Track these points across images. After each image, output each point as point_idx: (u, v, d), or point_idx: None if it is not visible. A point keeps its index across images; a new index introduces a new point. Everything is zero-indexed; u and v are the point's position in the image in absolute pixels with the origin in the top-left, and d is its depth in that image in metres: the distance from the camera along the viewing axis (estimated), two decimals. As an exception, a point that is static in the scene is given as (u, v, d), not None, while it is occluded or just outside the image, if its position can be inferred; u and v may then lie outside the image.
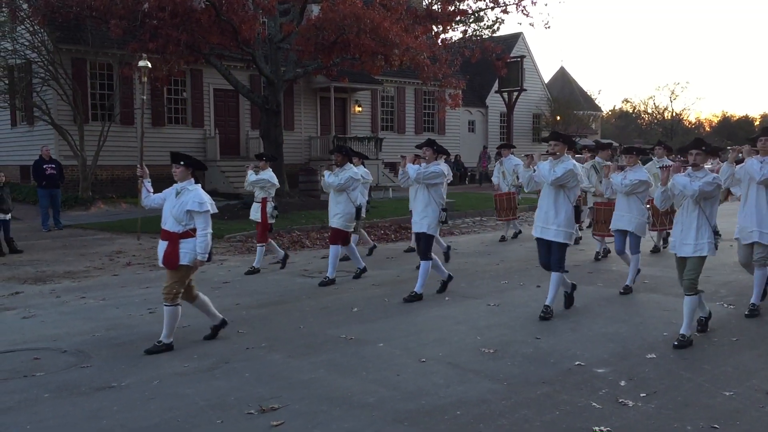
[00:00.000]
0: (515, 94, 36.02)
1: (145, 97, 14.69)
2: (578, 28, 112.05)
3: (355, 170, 10.02)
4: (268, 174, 10.60)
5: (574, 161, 7.53)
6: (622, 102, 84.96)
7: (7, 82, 22.00)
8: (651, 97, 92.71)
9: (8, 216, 13.12)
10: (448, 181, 9.37)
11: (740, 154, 7.61)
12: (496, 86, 36.71)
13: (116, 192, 22.12)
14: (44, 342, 6.84)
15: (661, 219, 11.27)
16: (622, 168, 8.88)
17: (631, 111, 74.07)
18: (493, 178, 14.72)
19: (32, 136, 23.36)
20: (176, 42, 17.55)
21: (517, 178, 12.95)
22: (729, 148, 8.63)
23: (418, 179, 8.31)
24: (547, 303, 7.47)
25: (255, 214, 10.71)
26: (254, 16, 18.17)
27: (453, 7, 21.20)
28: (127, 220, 17.27)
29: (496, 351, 6.27)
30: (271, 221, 10.68)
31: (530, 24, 78.98)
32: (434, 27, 21.81)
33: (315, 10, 21.46)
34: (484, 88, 37.70)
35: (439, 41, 22.24)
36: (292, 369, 5.96)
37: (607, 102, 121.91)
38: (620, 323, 7.20)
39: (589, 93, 51.35)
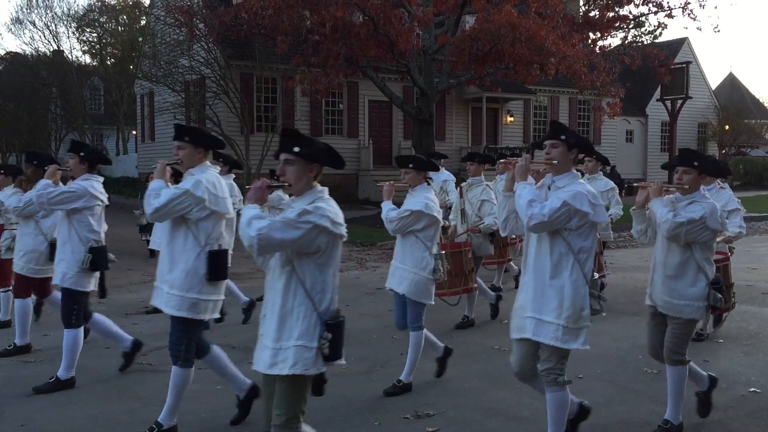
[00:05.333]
0: (679, 102, 34.07)
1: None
2: (750, 31, 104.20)
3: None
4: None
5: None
6: (801, 109, 77.84)
7: (183, 96, 23.92)
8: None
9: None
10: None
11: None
12: (657, 94, 34.93)
13: (277, 199, 23.32)
14: (215, 339, 7.34)
15: None
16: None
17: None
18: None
19: (204, 146, 25.16)
20: (336, 56, 18.27)
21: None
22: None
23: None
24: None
25: None
26: (410, 29, 18.54)
27: (612, 13, 20.48)
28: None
29: (659, 372, 5.95)
30: None
31: (697, 28, 74.84)
32: (592, 34, 21.18)
33: (470, 20, 21.53)
34: (644, 96, 36.00)
35: (597, 48, 21.55)
36: (446, 377, 6.00)
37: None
38: (801, 350, 6.62)
39: (761, 100, 47.62)
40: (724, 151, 38.95)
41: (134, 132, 36.96)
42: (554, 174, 4.16)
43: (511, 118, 30.11)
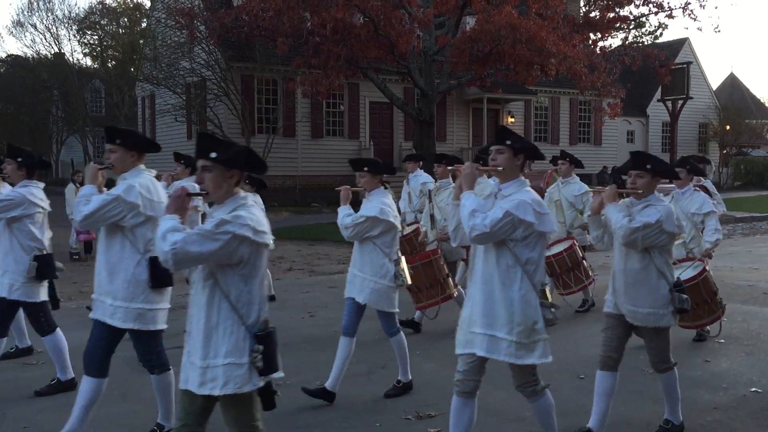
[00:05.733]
0: (680, 102, 34.09)
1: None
2: (750, 31, 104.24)
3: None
4: None
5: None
6: (802, 109, 77.78)
7: (184, 98, 23.95)
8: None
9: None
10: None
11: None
12: (658, 94, 34.95)
13: (278, 200, 23.35)
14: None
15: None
16: None
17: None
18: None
19: (206, 148, 25.20)
20: (336, 57, 18.29)
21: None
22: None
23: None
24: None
25: None
26: (410, 30, 18.56)
27: (613, 14, 20.50)
28: (288, 227, 18.18)
29: (660, 372, 5.96)
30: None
31: (698, 28, 75.04)
32: (592, 35, 21.19)
33: (470, 21, 21.55)
34: (645, 96, 36.00)
35: (597, 49, 21.57)
36: (446, 378, 5.96)
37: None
38: (802, 350, 6.61)
39: (762, 100, 47.59)
40: (725, 152, 38.93)
41: (135, 134, 36.90)
42: (501, 181, 3.96)
43: (512, 119, 30.13)
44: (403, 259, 5.43)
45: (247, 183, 7.03)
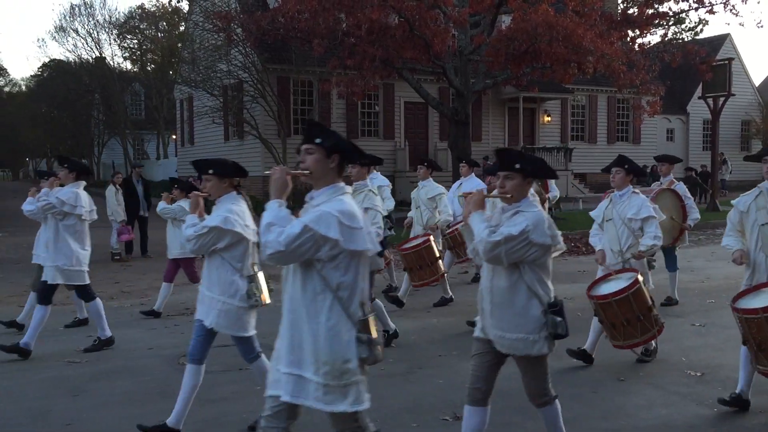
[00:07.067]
0: (721, 99, 33.37)
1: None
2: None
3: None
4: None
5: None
6: None
7: (221, 100, 24.24)
8: None
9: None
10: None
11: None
12: (699, 92, 34.26)
13: (313, 201, 23.49)
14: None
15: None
16: None
17: None
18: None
19: (242, 149, 25.50)
20: (372, 58, 18.30)
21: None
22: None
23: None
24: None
25: None
26: (446, 30, 18.49)
27: (652, 10, 20.14)
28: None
29: (703, 374, 5.86)
30: None
31: (740, 24, 72.89)
32: (631, 32, 20.86)
33: (506, 20, 21.40)
34: (685, 94, 35.35)
35: (636, 46, 21.22)
36: (485, 379, 5.97)
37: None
38: None
39: (808, 96, 46.28)
40: (769, 149, 38.00)
41: (174, 136, 37.61)
42: (315, 188, 3.33)
43: (549, 118, 29.84)
44: (260, 274, 4.65)
45: (65, 167, 6.83)
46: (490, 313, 3.88)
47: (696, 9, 20.74)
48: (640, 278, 5.65)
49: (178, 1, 31.92)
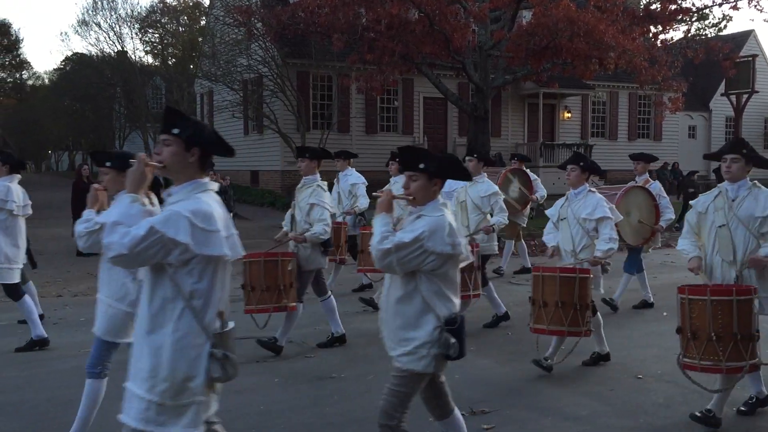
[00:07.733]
0: (745, 96, 32.99)
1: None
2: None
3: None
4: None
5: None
6: None
7: (241, 94, 24.36)
8: None
9: (230, 214, 14.57)
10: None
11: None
12: (722, 88, 33.90)
13: (332, 196, 23.55)
14: (273, 332, 7.47)
15: None
16: None
17: None
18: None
19: (262, 143, 25.62)
20: (391, 53, 18.31)
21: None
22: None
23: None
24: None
25: None
26: (466, 25, 18.45)
27: (675, 6, 19.94)
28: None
29: (722, 374, 5.80)
30: None
31: (765, 20, 72.07)
32: (653, 27, 20.67)
33: (526, 15, 21.29)
34: (707, 90, 34.96)
35: (658, 42, 21.03)
36: (501, 375, 5.99)
37: None
38: None
39: (835, 93, 45.55)
40: (793, 147, 37.48)
41: (194, 130, 37.70)
42: (174, 183, 3.02)
43: (569, 114, 29.65)
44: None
45: None
46: (385, 323, 3.62)
47: (720, 5, 20.52)
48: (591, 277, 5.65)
49: (199, -4, 32.09)
